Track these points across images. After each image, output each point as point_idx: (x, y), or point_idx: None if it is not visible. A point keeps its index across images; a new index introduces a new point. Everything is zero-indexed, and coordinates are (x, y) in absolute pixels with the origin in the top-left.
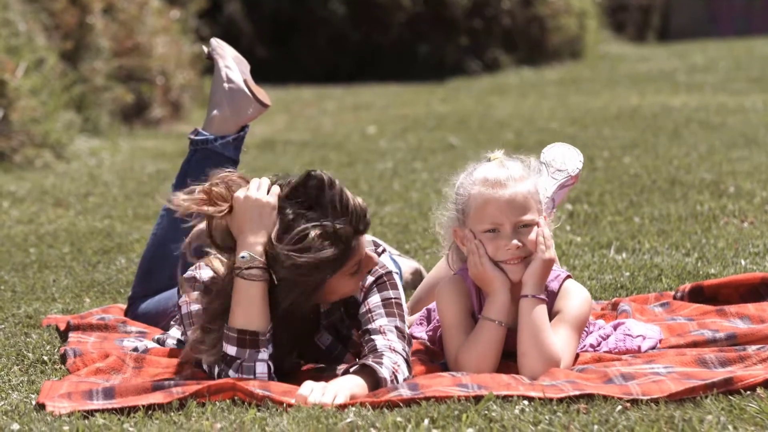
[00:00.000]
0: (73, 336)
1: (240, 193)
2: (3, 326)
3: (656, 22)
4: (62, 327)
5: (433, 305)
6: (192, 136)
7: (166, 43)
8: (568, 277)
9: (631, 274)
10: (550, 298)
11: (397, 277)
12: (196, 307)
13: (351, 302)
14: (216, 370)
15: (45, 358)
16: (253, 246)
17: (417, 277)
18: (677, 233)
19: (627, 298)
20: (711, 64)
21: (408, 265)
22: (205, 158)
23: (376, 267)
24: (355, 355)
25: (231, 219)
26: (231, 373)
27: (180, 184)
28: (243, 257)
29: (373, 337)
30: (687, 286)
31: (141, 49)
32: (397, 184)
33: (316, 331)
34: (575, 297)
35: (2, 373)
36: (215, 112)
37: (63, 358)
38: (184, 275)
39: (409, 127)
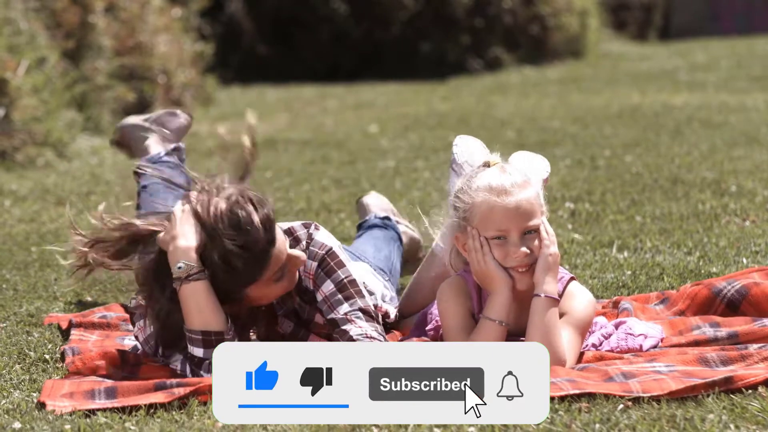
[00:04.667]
0: (75, 333)
1: (179, 205)
2: (5, 325)
3: (658, 20)
4: (64, 325)
5: (428, 308)
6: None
7: (168, 42)
8: (572, 279)
9: (632, 272)
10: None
11: (340, 251)
12: (149, 332)
13: (303, 289)
14: (187, 370)
15: (47, 356)
16: (187, 252)
17: (414, 244)
18: (679, 232)
19: (629, 297)
20: (712, 62)
21: (404, 235)
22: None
23: (316, 250)
24: (319, 335)
25: (161, 236)
26: (203, 373)
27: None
28: (180, 267)
29: (344, 328)
30: (687, 286)
31: (142, 48)
32: (399, 183)
33: (275, 322)
34: (580, 299)
35: (4, 371)
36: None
37: (62, 357)
38: (132, 305)
39: (411, 125)
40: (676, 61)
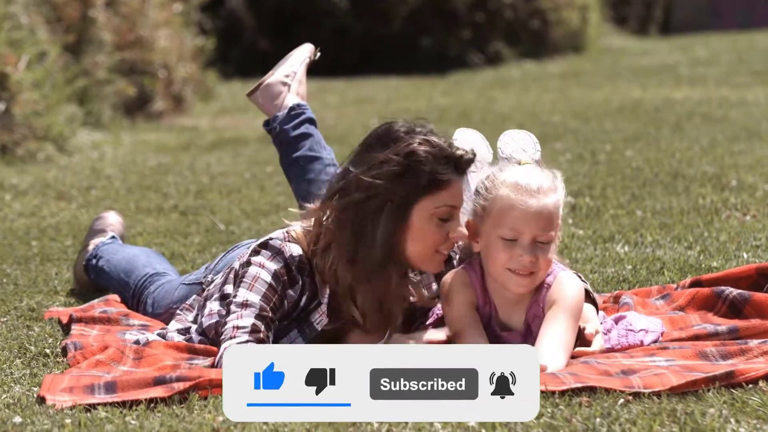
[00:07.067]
0: (75, 328)
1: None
2: (5, 319)
3: (658, 15)
4: (64, 320)
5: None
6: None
7: (169, 37)
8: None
9: (633, 267)
10: (545, 290)
11: None
12: (266, 275)
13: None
14: (235, 339)
15: (47, 351)
16: None
17: None
18: (679, 226)
19: (629, 291)
20: (713, 57)
21: None
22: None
23: None
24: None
25: None
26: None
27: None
28: None
29: None
30: (687, 281)
31: (143, 43)
32: None
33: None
34: (570, 286)
35: (4, 366)
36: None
37: (64, 352)
38: (271, 240)
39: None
40: (676, 56)
